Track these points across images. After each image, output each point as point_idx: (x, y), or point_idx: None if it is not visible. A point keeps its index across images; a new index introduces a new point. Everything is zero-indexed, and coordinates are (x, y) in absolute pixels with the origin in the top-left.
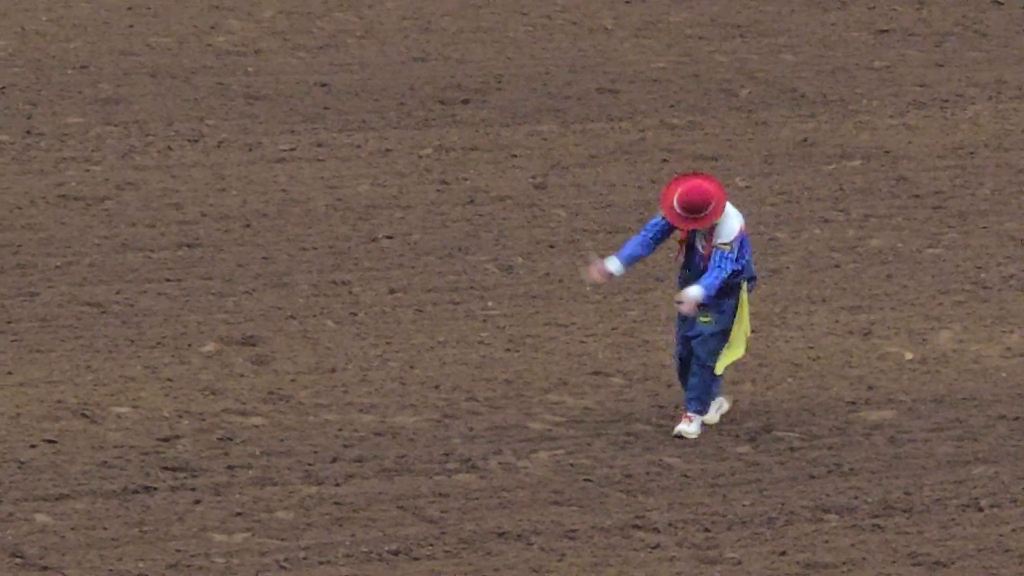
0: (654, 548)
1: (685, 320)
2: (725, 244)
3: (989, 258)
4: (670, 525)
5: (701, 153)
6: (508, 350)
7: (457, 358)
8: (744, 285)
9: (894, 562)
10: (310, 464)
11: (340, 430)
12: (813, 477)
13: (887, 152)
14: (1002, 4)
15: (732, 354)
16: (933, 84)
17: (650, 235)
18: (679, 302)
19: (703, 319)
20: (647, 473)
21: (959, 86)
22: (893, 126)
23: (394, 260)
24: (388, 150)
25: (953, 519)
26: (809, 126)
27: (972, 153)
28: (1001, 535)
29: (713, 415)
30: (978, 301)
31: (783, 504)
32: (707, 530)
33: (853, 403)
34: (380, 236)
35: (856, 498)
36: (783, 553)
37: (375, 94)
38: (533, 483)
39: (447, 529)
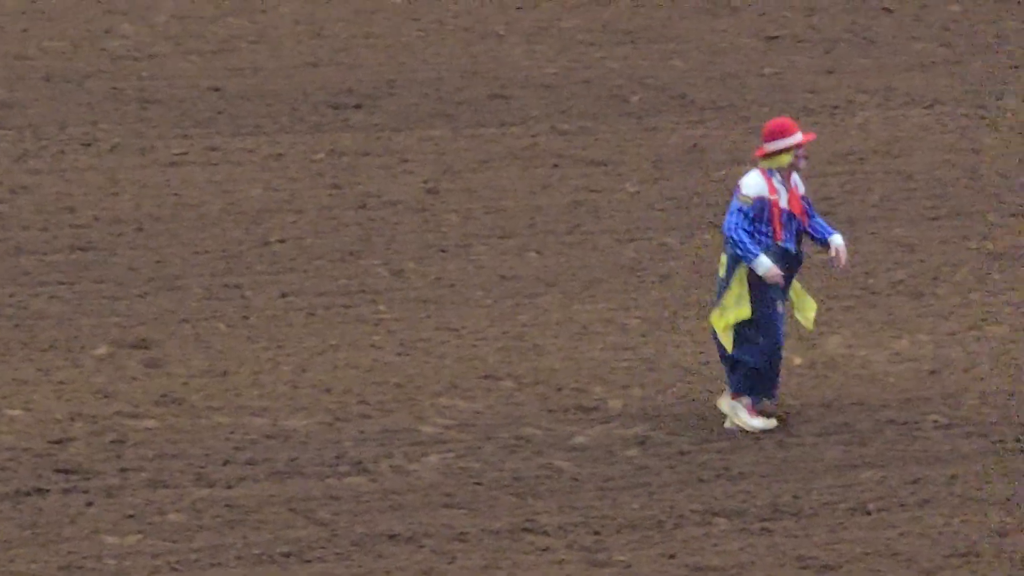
0: (544, 551)
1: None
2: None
3: (878, 264)
4: (560, 528)
5: (592, 158)
6: (399, 354)
7: (348, 362)
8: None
9: (782, 565)
10: (202, 467)
11: (232, 433)
12: (702, 481)
13: None
14: (892, 12)
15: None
16: (822, 91)
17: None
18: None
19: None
20: (536, 476)
21: (848, 93)
22: None
23: (286, 264)
24: (280, 155)
25: (841, 523)
26: (699, 132)
27: (861, 159)
28: (888, 539)
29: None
30: (867, 307)
31: (672, 507)
32: (596, 533)
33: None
34: (272, 240)
35: (745, 502)
36: (672, 556)
37: (268, 99)
38: (424, 486)
39: (338, 531)
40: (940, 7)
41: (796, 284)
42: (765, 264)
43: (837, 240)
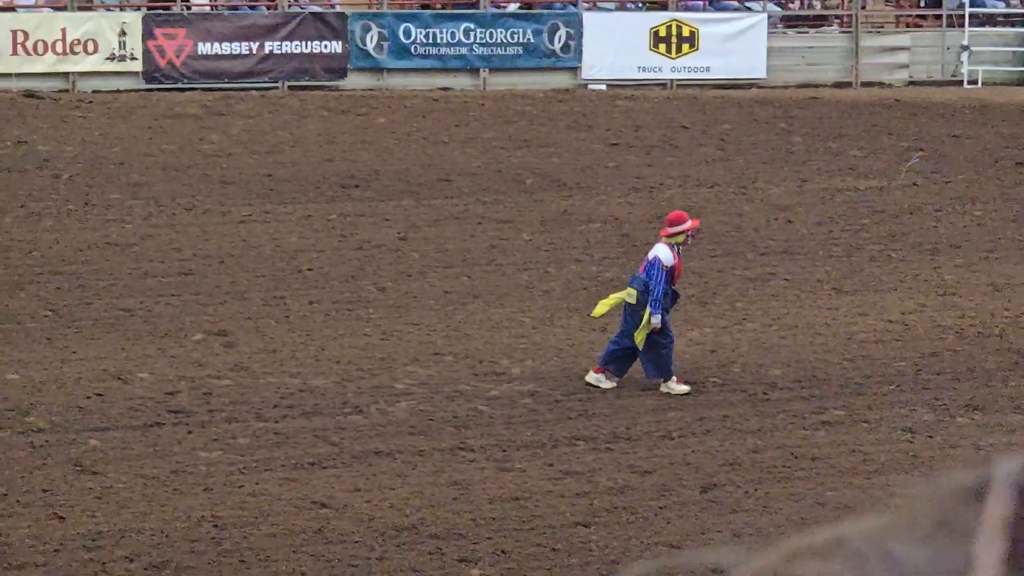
0: (471, 462)
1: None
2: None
3: (680, 285)
4: (481, 448)
5: (502, 218)
6: (381, 339)
7: (350, 344)
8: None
9: (619, 471)
10: (259, 409)
11: (278, 388)
12: (569, 419)
13: (616, 218)
14: (688, 127)
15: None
16: (644, 177)
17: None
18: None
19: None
20: (467, 415)
21: (661, 178)
22: (620, 203)
23: (312, 284)
24: (309, 216)
25: (655, 444)
26: (568, 203)
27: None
28: (684, 455)
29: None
30: (673, 311)
31: (551, 435)
32: (504, 451)
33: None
34: (303, 269)
35: (596, 431)
36: (551, 464)
37: (301, 181)
38: (397, 421)
39: (344, 450)
40: (717, 125)
41: (621, 294)
42: (658, 319)
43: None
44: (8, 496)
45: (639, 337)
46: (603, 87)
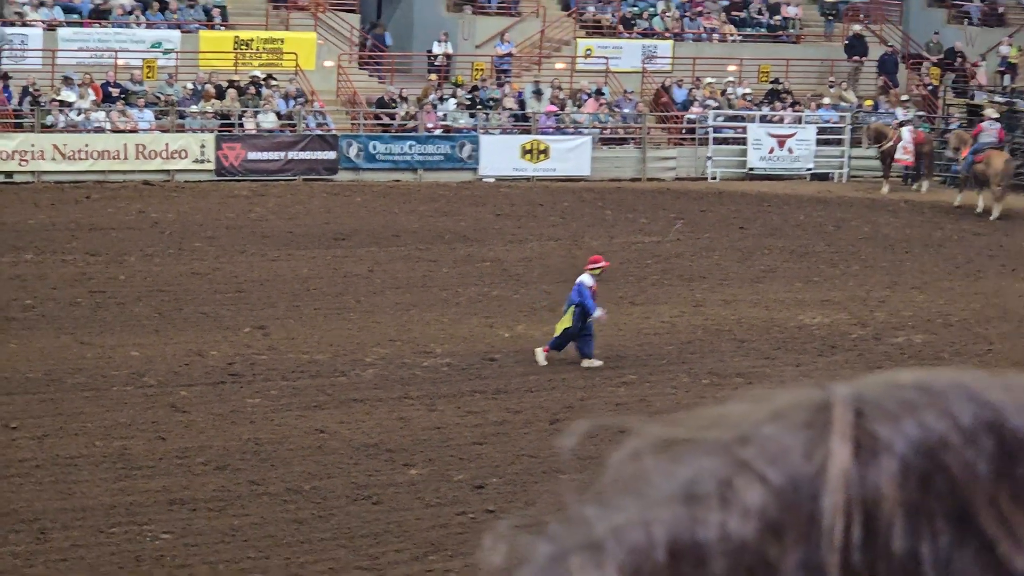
0: (411, 406)
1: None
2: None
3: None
4: (420, 396)
5: (431, 259)
6: (358, 331)
7: (339, 334)
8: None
9: (500, 411)
10: (284, 373)
11: (295, 361)
12: (470, 379)
13: (499, 260)
14: (542, 204)
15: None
16: (516, 234)
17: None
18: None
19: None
20: (410, 377)
21: (526, 235)
22: (502, 250)
23: (316, 298)
24: (314, 257)
25: (523, 395)
26: (471, 250)
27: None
28: (540, 400)
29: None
30: (554, 317)
31: (460, 389)
32: (431, 399)
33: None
34: (311, 289)
35: (486, 386)
36: (459, 407)
37: (306, 238)
38: (367, 381)
39: (334, 398)
40: (560, 204)
41: (568, 313)
42: (597, 313)
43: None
44: (131, 426)
45: (559, 326)
46: (492, 180)
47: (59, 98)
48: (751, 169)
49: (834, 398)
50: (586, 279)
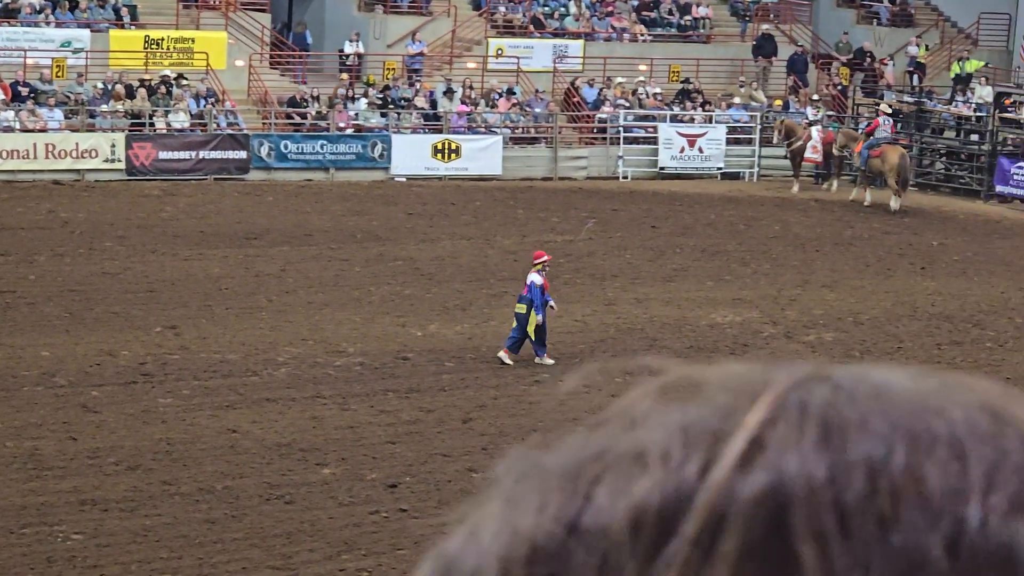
0: (324, 405)
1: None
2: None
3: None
4: (330, 396)
5: (343, 258)
6: (270, 330)
7: (251, 333)
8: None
9: (413, 410)
10: (195, 373)
11: (207, 360)
12: (383, 378)
13: (412, 258)
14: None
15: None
16: (428, 233)
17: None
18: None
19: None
20: (321, 376)
21: (438, 234)
22: (414, 249)
23: (228, 297)
24: (226, 256)
25: (435, 394)
26: (383, 249)
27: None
28: (453, 400)
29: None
30: (452, 318)
31: (372, 388)
32: (343, 398)
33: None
34: (223, 288)
35: (399, 385)
36: (372, 406)
37: (216, 236)
38: (279, 380)
39: (247, 397)
40: (472, 203)
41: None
42: (541, 318)
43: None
44: (42, 426)
45: (530, 329)
46: (404, 179)
47: None
48: (662, 168)
49: (770, 385)
50: (536, 278)
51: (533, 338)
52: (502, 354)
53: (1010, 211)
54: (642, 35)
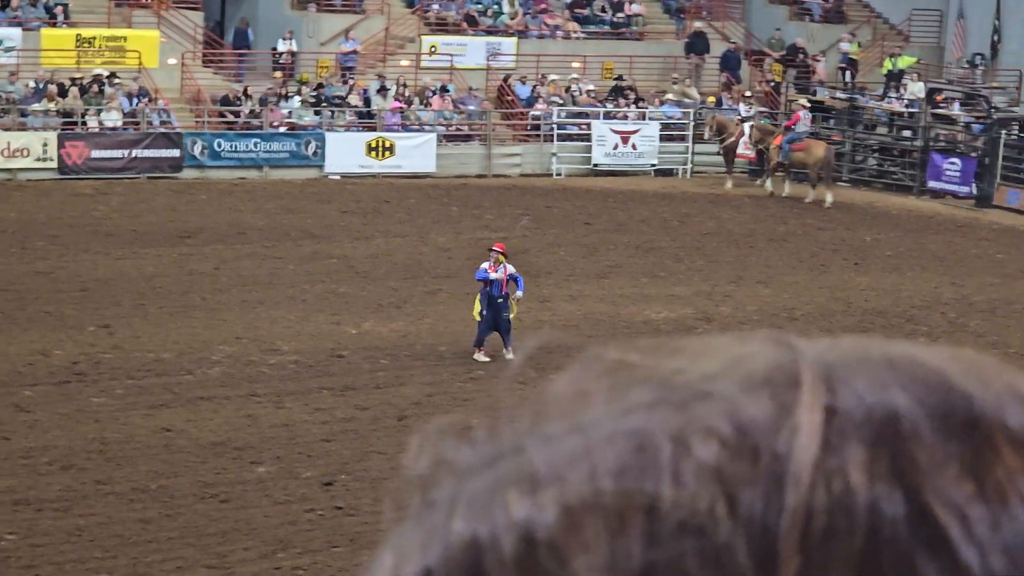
0: (259, 403)
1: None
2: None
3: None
4: (264, 394)
5: (277, 256)
6: (204, 329)
7: (185, 332)
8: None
9: (348, 408)
10: (129, 372)
11: (141, 359)
12: (318, 376)
13: (346, 256)
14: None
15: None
16: (362, 231)
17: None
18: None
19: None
20: (256, 375)
21: (372, 232)
22: (348, 247)
23: (162, 296)
24: (160, 256)
25: (371, 391)
26: (317, 247)
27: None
28: (389, 397)
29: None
30: (390, 316)
31: (307, 386)
32: (278, 396)
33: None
34: (157, 287)
35: (334, 383)
36: (307, 404)
37: (149, 235)
38: (213, 379)
39: (181, 396)
40: (406, 200)
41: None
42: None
43: (517, 294)
44: None
45: (474, 312)
46: (338, 177)
47: None
48: (596, 165)
49: (802, 363)
50: (484, 267)
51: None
52: (480, 355)
53: (942, 207)
54: (575, 32)
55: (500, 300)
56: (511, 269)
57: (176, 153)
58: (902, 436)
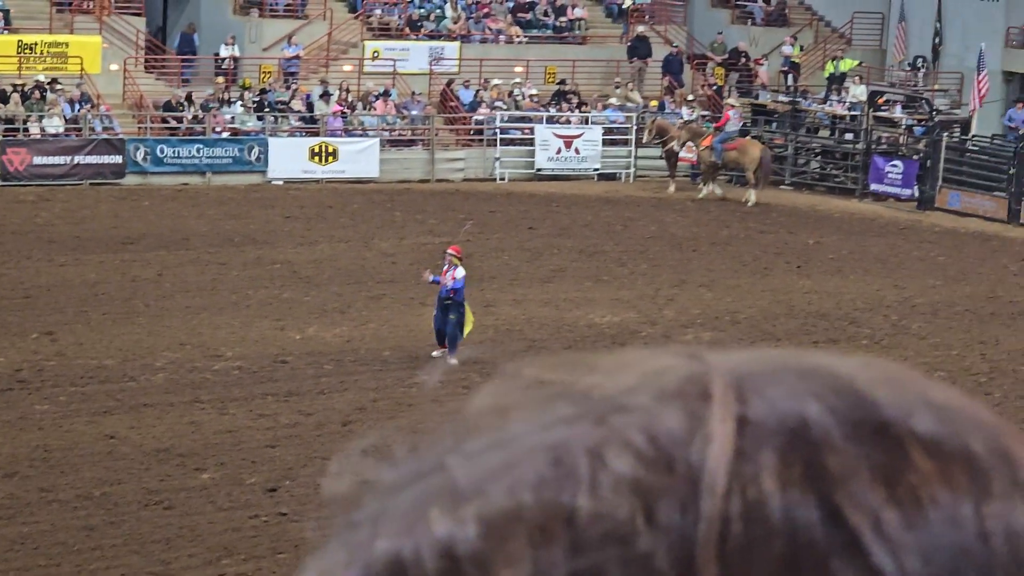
0: (202, 409)
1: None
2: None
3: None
4: (208, 400)
5: (220, 262)
6: (148, 335)
7: (128, 338)
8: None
9: (292, 414)
10: (72, 379)
11: (84, 366)
12: (262, 382)
13: (289, 261)
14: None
15: (468, 327)
16: (306, 237)
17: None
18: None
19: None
20: (200, 381)
21: (316, 237)
22: (292, 252)
23: (105, 302)
24: (102, 263)
25: (314, 397)
26: (260, 252)
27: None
28: (332, 402)
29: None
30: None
31: (251, 392)
32: (222, 402)
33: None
34: (100, 294)
35: (278, 388)
36: (251, 410)
37: (98, 240)
38: (157, 386)
39: (124, 403)
40: (350, 206)
41: (467, 309)
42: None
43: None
44: None
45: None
46: (281, 183)
47: None
48: (539, 170)
49: (714, 375)
50: (458, 272)
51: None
52: (451, 359)
53: (884, 209)
54: (518, 37)
55: (447, 303)
56: (459, 273)
57: (119, 159)
58: (814, 443)
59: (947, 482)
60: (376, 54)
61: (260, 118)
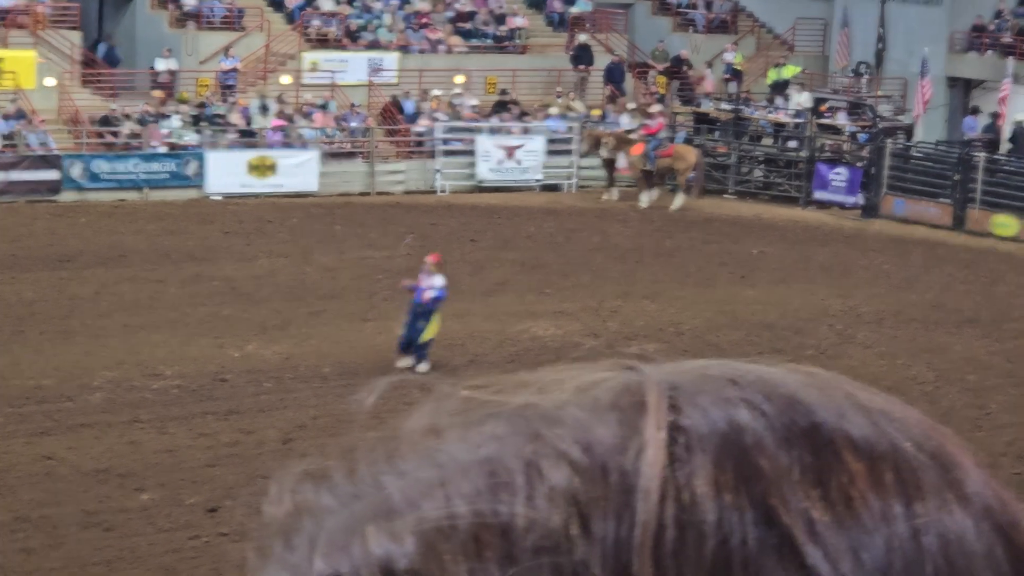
0: (142, 429)
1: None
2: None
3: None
4: (148, 419)
5: (158, 279)
6: (85, 355)
7: (65, 358)
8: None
9: (232, 432)
10: (9, 400)
11: (21, 387)
12: (202, 400)
13: (229, 278)
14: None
15: (430, 334)
16: (245, 252)
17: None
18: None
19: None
20: (139, 400)
21: (255, 252)
22: (231, 268)
23: (42, 321)
24: (39, 279)
25: (256, 415)
26: (199, 268)
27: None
28: (272, 420)
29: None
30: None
31: (191, 411)
32: (162, 421)
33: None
34: (36, 312)
35: (218, 407)
36: (191, 429)
37: (35, 258)
38: (95, 406)
39: (62, 423)
40: (288, 220)
41: (434, 317)
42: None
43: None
44: None
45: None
46: (220, 198)
47: None
48: (480, 181)
49: (648, 385)
50: (437, 280)
51: (427, 337)
52: (423, 365)
53: (828, 217)
54: (458, 47)
55: (420, 311)
56: (438, 282)
57: (55, 175)
58: (746, 448)
59: (878, 482)
60: (314, 66)
61: (198, 132)
